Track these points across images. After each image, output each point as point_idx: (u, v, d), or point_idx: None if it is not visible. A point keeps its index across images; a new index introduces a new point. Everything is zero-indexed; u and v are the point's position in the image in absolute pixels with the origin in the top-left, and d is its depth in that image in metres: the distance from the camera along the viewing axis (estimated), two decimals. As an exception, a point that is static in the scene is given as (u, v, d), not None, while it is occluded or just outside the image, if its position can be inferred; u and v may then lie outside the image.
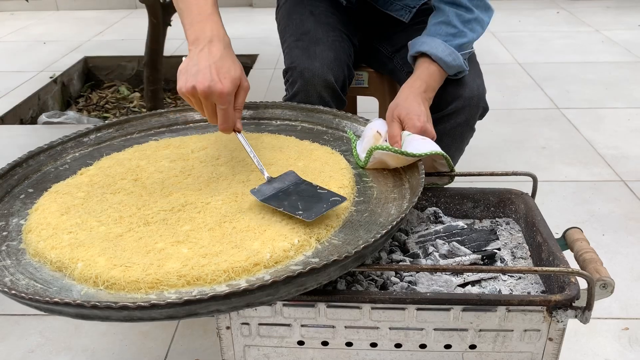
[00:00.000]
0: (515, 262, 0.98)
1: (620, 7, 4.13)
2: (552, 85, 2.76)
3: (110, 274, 0.77)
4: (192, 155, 1.06)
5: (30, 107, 2.75)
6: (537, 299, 0.81)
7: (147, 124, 1.20)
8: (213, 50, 0.92)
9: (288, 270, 0.75)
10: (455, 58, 1.13)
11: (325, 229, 0.85)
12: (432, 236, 1.00)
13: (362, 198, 0.94)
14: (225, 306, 0.72)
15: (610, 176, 1.97)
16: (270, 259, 0.78)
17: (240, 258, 0.78)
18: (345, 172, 0.98)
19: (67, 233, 0.87)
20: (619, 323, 1.35)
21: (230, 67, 0.92)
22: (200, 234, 0.83)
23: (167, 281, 0.76)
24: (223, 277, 0.76)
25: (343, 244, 0.83)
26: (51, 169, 1.07)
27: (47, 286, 0.79)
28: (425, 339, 0.84)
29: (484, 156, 2.11)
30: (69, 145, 1.12)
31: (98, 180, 1.00)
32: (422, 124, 1.03)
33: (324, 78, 1.22)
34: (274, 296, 0.73)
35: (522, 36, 3.54)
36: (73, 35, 3.80)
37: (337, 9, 1.41)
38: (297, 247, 0.81)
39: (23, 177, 1.04)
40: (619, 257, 1.57)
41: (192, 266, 0.77)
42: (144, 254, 0.80)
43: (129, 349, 1.30)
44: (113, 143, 1.15)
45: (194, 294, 0.74)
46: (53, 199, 0.96)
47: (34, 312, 1.40)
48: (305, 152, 1.05)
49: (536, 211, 1.00)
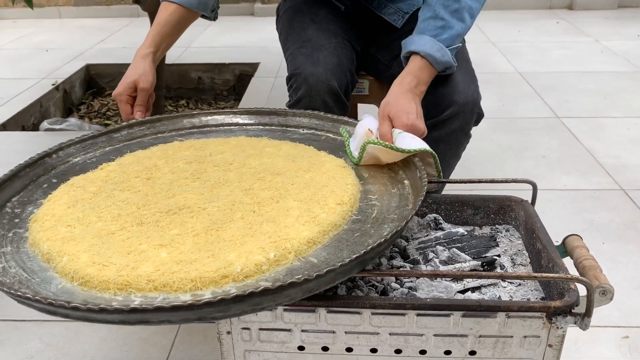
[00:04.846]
0: (515, 269, 0.98)
1: (620, 18, 4.16)
2: (551, 94, 2.77)
3: (87, 271, 0.78)
4: (208, 158, 1.06)
5: (32, 114, 2.76)
6: (536, 305, 0.81)
7: (178, 123, 1.22)
8: (132, 62, 1.24)
9: (252, 286, 0.73)
10: (443, 54, 1.12)
11: (307, 245, 0.82)
12: (433, 242, 1.00)
13: (359, 217, 0.91)
14: (175, 318, 0.71)
15: (610, 185, 1.98)
16: (240, 272, 0.76)
17: (211, 268, 0.76)
18: (349, 187, 0.95)
19: (66, 226, 0.88)
20: (619, 331, 1.35)
21: (127, 73, 1.22)
22: (185, 239, 0.83)
23: (136, 284, 0.76)
24: (189, 286, 0.75)
25: (321, 262, 0.80)
26: (79, 162, 1.10)
27: (31, 276, 0.81)
28: (425, 344, 0.84)
29: (484, 165, 2.11)
30: (100, 140, 1.15)
31: (114, 177, 1.01)
32: (411, 121, 1.03)
33: (328, 84, 1.23)
34: (225, 312, 0.72)
35: (522, 46, 3.56)
36: (75, 43, 3.82)
37: (337, 16, 1.42)
38: (272, 261, 0.78)
39: (50, 167, 1.07)
40: (619, 265, 1.57)
41: (164, 272, 0.76)
42: (124, 254, 0.81)
43: (129, 355, 1.30)
44: (143, 140, 1.18)
45: (158, 300, 0.74)
46: (66, 191, 0.98)
47: (34, 318, 1.40)
48: (317, 164, 1.03)
49: (536, 218, 1.00)
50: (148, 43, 1.26)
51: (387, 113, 1.06)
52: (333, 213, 0.88)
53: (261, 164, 1.03)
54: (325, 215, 0.88)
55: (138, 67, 1.21)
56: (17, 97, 2.85)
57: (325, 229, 0.85)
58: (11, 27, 4.34)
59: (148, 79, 1.21)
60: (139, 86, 1.20)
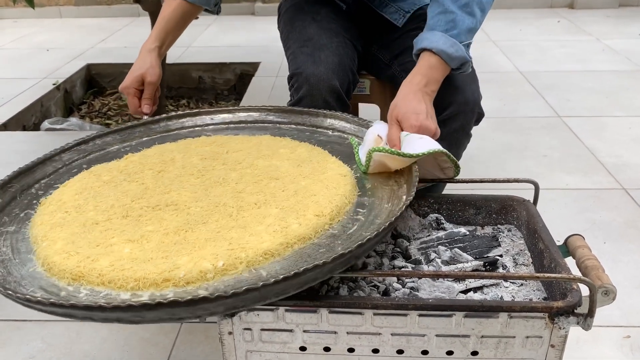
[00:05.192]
0: (517, 269, 0.98)
1: (621, 17, 4.15)
2: (553, 93, 2.77)
3: (54, 258, 0.81)
4: (223, 156, 1.05)
5: (33, 113, 2.76)
6: (539, 305, 0.81)
7: (217, 118, 1.22)
8: (138, 56, 1.25)
9: (190, 293, 0.73)
10: (457, 49, 1.08)
11: (263, 256, 0.79)
12: (434, 243, 1.00)
13: (336, 231, 0.86)
14: (96, 316, 0.71)
15: (612, 184, 1.97)
16: (182, 278, 0.75)
17: (157, 270, 0.76)
18: (337, 199, 0.90)
19: (64, 212, 0.91)
20: (620, 331, 1.34)
21: (134, 67, 1.23)
22: (154, 237, 0.83)
23: (88, 277, 0.78)
24: (131, 285, 0.75)
25: (269, 276, 0.76)
26: (113, 150, 1.13)
27: (14, 256, 0.85)
28: (427, 345, 0.84)
29: (486, 164, 2.11)
30: (137, 130, 1.18)
31: (131, 167, 1.03)
32: (420, 122, 1.01)
33: (329, 83, 1.23)
34: (143, 318, 0.72)
35: (523, 45, 3.55)
36: (76, 43, 3.82)
37: (338, 15, 1.42)
38: (220, 270, 0.76)
39: (85, 154, 1.11)
40: (620, 265, 1.57)
41: (115, 268, 0.77)
42: (94, 246, 0.82)
43: (130, 355, 1.30)
44: (179, 133, 1.19)
45: (101, 295, 0.75)
46: (81, 178, 1.01)
47: (35, 318, 1.40)
48: (319, 170, 0.99)
49: (538, 218, 1.00)
50: (153, 38, 1.28)
51: (395, 116, 1.04)
52: (306, 225, 0.84)
53: (266, 166, 1.01)
54: (297, 227, 0.84)
55: (145, 61, 1.23)
56: (17, 97, 2.85)
57: (289, 241, 0.81)
58: (12, 26, 4.34)
59: (155, 72, 1.23)
60: (146, 80, 1.22)
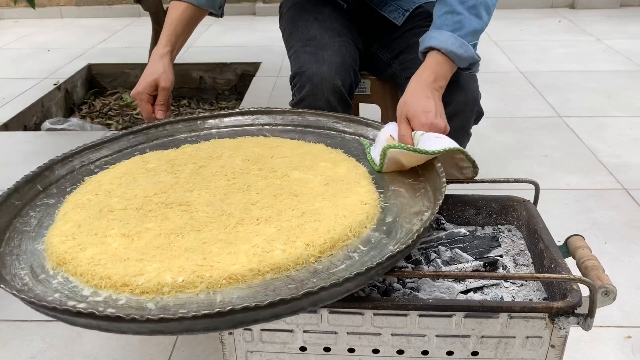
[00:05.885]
0: (518, 269, 0.98)
1: (622, 17, 4.15)
2: (553, 93, 2.77)
3: (53, 240, 0.85)
4: (265, 160, 1.02)
5: (34, 113, 2.76)
6: (539, 305, 0.81)
7: (284, 119, 1.20)
8: (149, 61, 1.25)
9: (139, 303, 0.73)
10: (466, 49, 1.08)
11: (227, 280, 0.75)
12: (435, 243, 1.00)
13: (320, 266, 0.78)
14: (52, 313, 0.72)
15: (612, 184, 1.97)
16: (139, 286, 0.74)
17: (122, 273, 0.76)
18: (338, 230, 0.82)
19: (94, 194, 0.96)
20: (621, 331, 1.34)
21: (146, 72, 1.23)
22: (146, 236, 0.84)
23: (67, 266, 0.80)
24: (94, 282, 0.76)
25: (223, 303, 0.72)
26: (180, 138, 1.17)
27: (34, 229, 0.90)
28: (427, 345, 0.84)
29: (486, 164, 2.11)
30: (208, 122, 1.21)
31: (180, 159, 1.05)
32: (430, 120, 0.99)
33: (332, 82, 1.23)
34: (74, 321, 0.71)
35: (523, 45, 3.55)
36: (77, 43, 3.82)
37: (339, 14, 1.42)
38: (177, 285, 0.74)
39: (153, 138, 1.16)
40: (621, 265, 1.57)
41: (91, 262, 0.79)
42: (92, 234, 0.85)
43: (131, 355, 1.30)
44: (247, 129, 1.19)
45: (68, 287, 0.77)
46: (129, 163, 1.05)
47: (36, 318, 1.40)
48: (343, 193, 0.90)
49: (538, 218, 1.00)
50: (164, 43, 1.27)
51: (404, 114, 1.02)
52: (290, 253, 0.78)
53: (297, 179, 0.95)
54: (279, 253, 0.78)
55: (157, 67, 1.23)
56: (19, 97, 2.85)
57: (262, 269, 0.76)
58: (13, 27, 4.35)
59: (169, 78, 1.23)
60: (160, 85, 1.22)
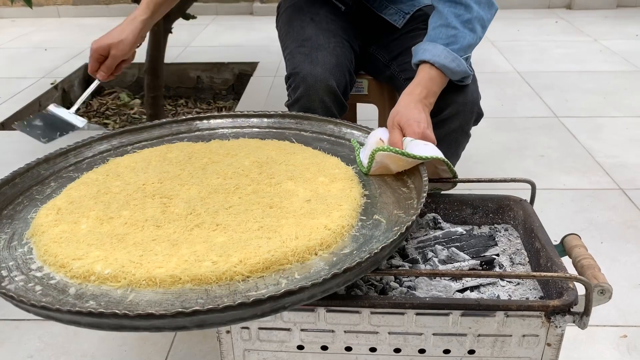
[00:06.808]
0: (514, 268, 0.98)
1: (619, 17, 4.16)
2: (551, 94, 2.78)
3: (40, 211, 0.89)
4: (272, 165, 1.01)
5: (31, 112, 2.76)
6: (535, 304, 0.81)
7: (321, 127, 1.18)
8: (122, 22, 1.24)
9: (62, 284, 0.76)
10: (459, 64, 1.11)
11: (146, 281, 0.74)
12: (432, 242, 1.01)
13: (241, 287, 0.74)
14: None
15: (609, 184, 1.98)
16: (72, 270, 0.77)
17: (66, 255, 0.80)
18: (279, 253, 0.78)
19: (104, 176, 0.97)
20: (617, 330, 1.35)
21: (111, 32, 1.23)
22: (114, 223, 0.86)
23: (35, 237, 0.85)
24: (44, 258, 0.80)
25: (119, 301, 0.73)
26: (219, 133, 1.19)
27: (39, 198, 0.95)
28: (424, 343, 0.85)
29: (483, 164, 2.12)
30: (250, 121, 1.22)
31: (199, 153, 1.06)
32: (422, 130, 1.02)
33: (326, 83, 1.23)
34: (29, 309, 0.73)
35: (521, 45, 3.56)
36: (74, 42, 3.81)
37: (337, 15, 1.42)
38: (103, 277, 0.76)
39: (194, 129, 1.19)
40: (617, 264, 1.57)
41: (54, 238, 0.82)
42: (74, 213, 0.88)
43: (128, 354, 1.30)
44: (284, 133, 1.19)
45: (26, 257, 0.81)
46: (148, 152, 1.07)
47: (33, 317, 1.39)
48: (320, 213, 0.87)
49: (534, 217, 1.01)
50: (142, 8, 1.25)
51: (397, 122, 1.05)
52: (217, 267, 0.75)
53: (284, 190, 0.93)
54: (208, 265, 0.75)
55: (121, 33, 1.22)
56: (16, 96, 2.84)
57: (182, 278, 0.74)
58: (10, 26, 4.34)
59: (123, 48, 1.21)
60: (111, 52, 1.21)
